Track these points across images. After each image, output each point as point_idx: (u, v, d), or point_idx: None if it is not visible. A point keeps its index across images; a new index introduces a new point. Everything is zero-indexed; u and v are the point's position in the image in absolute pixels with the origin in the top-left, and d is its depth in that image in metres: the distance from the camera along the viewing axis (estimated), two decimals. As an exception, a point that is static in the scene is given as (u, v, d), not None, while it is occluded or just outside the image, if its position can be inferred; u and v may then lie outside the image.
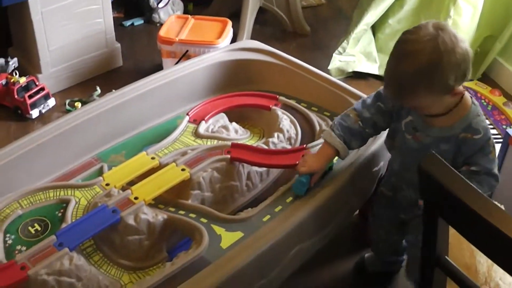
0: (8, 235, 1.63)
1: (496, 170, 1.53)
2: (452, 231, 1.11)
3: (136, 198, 1.65)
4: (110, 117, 2.00)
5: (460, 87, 1.46)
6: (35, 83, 2.64)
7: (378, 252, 1.96)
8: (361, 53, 3.02)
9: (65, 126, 1.92)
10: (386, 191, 1.78)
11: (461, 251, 1.52)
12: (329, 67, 2.91)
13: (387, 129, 1.70)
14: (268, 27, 3.37)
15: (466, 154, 1.52)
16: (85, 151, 1.95)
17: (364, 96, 1.99)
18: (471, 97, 1.54)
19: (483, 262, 1.53)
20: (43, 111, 2.64)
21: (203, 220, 1.64)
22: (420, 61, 1.39)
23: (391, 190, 1.75)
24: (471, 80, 2.86)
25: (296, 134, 1.98)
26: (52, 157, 1.88)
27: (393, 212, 1.77)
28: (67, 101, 2.72)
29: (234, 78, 2.23)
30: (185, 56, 2.73)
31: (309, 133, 2.01)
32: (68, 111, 2.63)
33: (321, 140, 1.87)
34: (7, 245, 1.61)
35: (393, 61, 1.46)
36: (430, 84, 1.41)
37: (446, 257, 1.14)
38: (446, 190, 1.00)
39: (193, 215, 1.66)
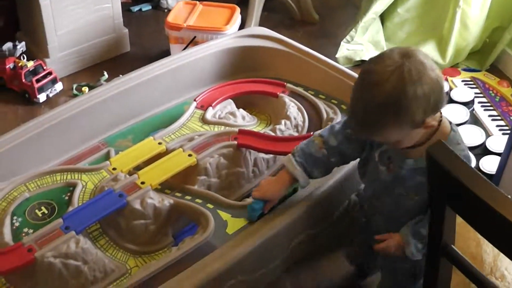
0: (15, 217, 1.64)
1: None
2: (458, 221, 1.11)
3: (142, 182, 1.66)
4: (117, 102, 2.00)
5: (435, 118, 1.33)
6: (42, 67, 2.64)
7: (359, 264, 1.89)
8: (369, 42, 3.01)
9: (72, 111, 1.92)
10: (360, 217, 1.67)
11: (467, 240, 1.52)
12: (336, 55, 2.90)
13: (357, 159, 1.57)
14: (276, 14, 3.36)
15: None
16: (92, 135, 1.96)
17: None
18: (451, 123, 1.40)
19: (489, 252, 1.53)
20: (51, 95, 2.64)
21: (209, 205, 1.64)
22: (382, 94, 1.24)
23: (365, 217, 1.65)
24: (479, 71, 2.85)
25: (303, 122, 1.98)
26: (59, 141, 1.88)
27: (368, 236, 1.61)
28: (74, 86, 2.72)
29: (241, 64, 2.23)
30: (193, 42, 2.73)
31: (316, 121, 2.00)
32: (75, 96, 2.63)
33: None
34: (14, 227, 1.62)
35: (356, 93, 1.32)
36: (395, 118, 1.27)
37: (453, 246, 1.14)
38: (454, 178, 1.00)
39: (199, 201, 1.66)
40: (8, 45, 2.68)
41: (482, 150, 2.34)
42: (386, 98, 1.24)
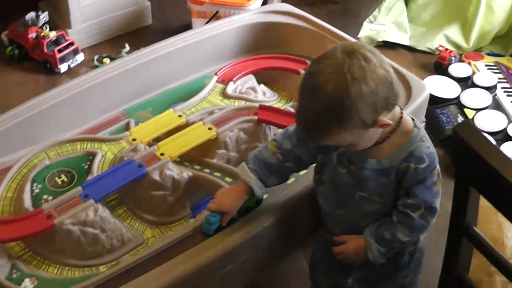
0: (35, 184, 1.65)
1: (437, 204, 1.32)
2: (480, 203, 1.10)
3: (162, 154, 1.66)
4: (138, 74, 2.00)
5: (393, 116, 1.25)
6: (64, 38, 2.64)
7: None
8: (392, 22, 2.97)
9: (93, 81, 1.92)
10: (323, 234, 1.53)
11: (489, 223, 1.51)
12: (359, 35, 2.88)
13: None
14: (299, -9, 3.33)
15: (406, 185, 1.30)
16: (112, 106, 1.96)
17: (396, 66, 1.97)
18: (414, 120, 1.32)
19: (511, 237, 1.51)
20: (72, 65, 2.64)
21: (228, 179, 1.64)
22: (324, 97, 1.15)
23: (328, 233, 1.50)
24: (503, 55, 2.82)
25: (324, 100, 1.96)
26: (79, 110, 1.89)
27: (333, 254, 1.47)
28: (96, 57, 2.72)
29: (263, 40, 2.21)
30: (215, 16, 2.71)
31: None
32: (96, 67, 2.63)
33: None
34: (34, 194, 1.63)
35: (299, 97, 1.23)
36: (340, 121, 1.17)
37: (475, 227, 1.13)
38: (480, 158, 0.99)
39: (218, 174, 1.67)
40: (31, 15, 2.69)
41: (503, 136, 2.31)
42: (328, 100, 1.15)
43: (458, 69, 2.67)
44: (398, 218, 1.32)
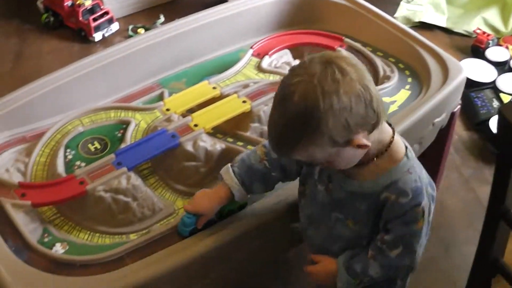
0: (68, 150, 1.66)
1: (417, 247, 1.21)
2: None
3: (195, 125, 1.66)
4: (172, 45, 1.99)
5: (375, 137, 1.15)
6: (100, 7, 2.65)
7: None
8: (429, 3, 2.93)
9: (127, 50, 1.92)
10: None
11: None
12: (395, 15, 2.85)
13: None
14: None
15: (384, 217, 1.21)
16: (146, 76, 1.95)
17: (433, 46, 1.94)
18: (407, 148, 1.22)
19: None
20: (106, 35, 2.65)
21: (261, 153, 1.63)
22: (290, 108, 1.07)
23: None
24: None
25: (359, 78, 1.94)
26: (113, 79, 1.89)
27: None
28: (130, 27, 2.72)
29: (300, 15, 2.18)
30: (251, -10, 2.68)
31: (373, 77, 1.94)
32: (130, 37, 2.63)
33: (384, 85, 1.85)
34: (67, 160, 1.64)
35: (271, 107, 1.15)
36: (307, 135, 1.08)
37: (512, 211, 1.11)
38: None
39: (250, 147, 1.65)
40: (67, -18, 2.70)
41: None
42: (295, 112, 1.07)
43: (495, 53, 2.63)
44: (373, 253, 1.24)
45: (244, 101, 1.74)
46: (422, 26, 2.89)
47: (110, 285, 1.31)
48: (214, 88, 1.81)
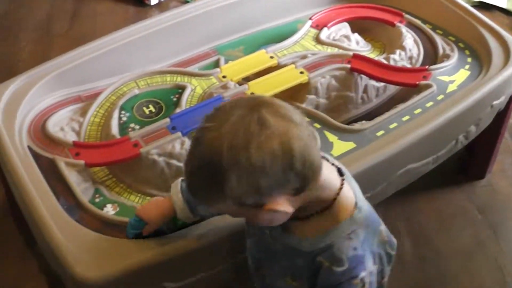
0: (123, 112, 1.65)
1: None
2: None
3: (252, 93, 1.64)
4: (230, 12, 1.97)
5: (301, 199, 0.97)
6: (157, -30, 2.63)
7: None
8: (492, -18, 2.84)
9: (184, 16, 1.91)
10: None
11: None
12: (456, -7, 2.76)
13: None
14: None
15: (320, 285, 1.05)
16: (203, 42, 1.93)
17: (496, 27, 1.88)
18: (356, 205, 1.05)
19: None
20: (162, -1, 2.64)
21: (317, 125, 1.60)
22: (197, 156, 0.94)
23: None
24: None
25: (418, 55, 1.89)
26: (169, 44, 1.87)
27: None
28: (186, -8, 2.70)
29: (361, -12, 2.14)
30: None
31: (432, 56, 1.91)
32: (187, 2, 2.61)
33: (443, 64, 1.80)
34: (121, 121, 1.63)
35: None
36: (212, 190, 0.94)
37: None
38: None
39: (306, 119, 1.63)
40: None
41: None
42: (200, 163, 0.93)
43: (559, 36, 2.53)
44: None
45: (301, 72, 1.71)
46: (482, 6, 2.81)
47: (160, 249, 1.29)
48: (271, 57, 1.79)
